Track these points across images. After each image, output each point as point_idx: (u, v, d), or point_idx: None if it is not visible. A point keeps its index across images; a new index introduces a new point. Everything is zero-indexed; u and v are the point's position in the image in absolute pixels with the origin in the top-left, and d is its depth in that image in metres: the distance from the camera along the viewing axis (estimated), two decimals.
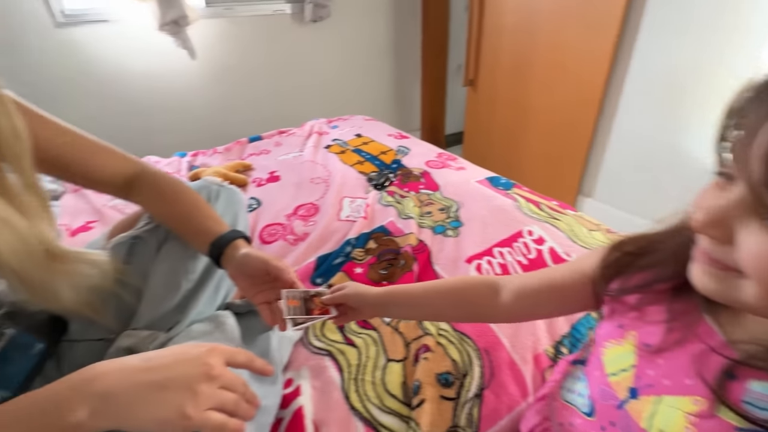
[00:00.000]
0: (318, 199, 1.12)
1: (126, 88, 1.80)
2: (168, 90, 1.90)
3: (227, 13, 1.93)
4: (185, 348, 0.40)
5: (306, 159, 1.37)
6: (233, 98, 2.06)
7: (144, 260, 0.70)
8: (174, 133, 1.97)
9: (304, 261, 0.88)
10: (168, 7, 1.66)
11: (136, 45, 1.75)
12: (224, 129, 2.04)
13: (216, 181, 0.79)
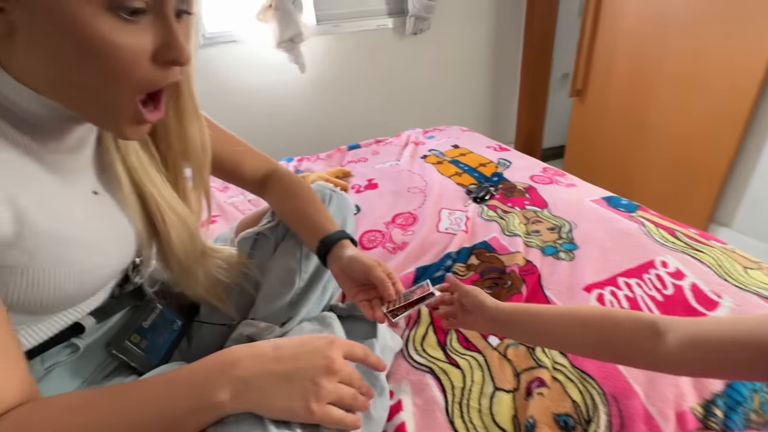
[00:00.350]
0: (416, 209, 1.11)
1: (245, 98, 2.01)
2: (278, 100, 2.08)
3: (335, 30, 2.05)
4: (309, 339, 0.41)
5: (403, 168, 1.38)
6: (335, 107, 2.18)
7: (264, 255, 0.75)
8: (282, 138, 2.14)
9: (403, 270, 0.87)
10: (286, 26, 1.82)
11: (256, 61, 1.95)
12: (326, 136, 2.16)
13: (329, 187, 0.82)
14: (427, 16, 2.07)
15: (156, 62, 0.38)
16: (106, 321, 0.57)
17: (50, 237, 0.41)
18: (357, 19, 2.07)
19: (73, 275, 0.44)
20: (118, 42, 0.34)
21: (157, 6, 0.36)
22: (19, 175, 0.39)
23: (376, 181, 1.30)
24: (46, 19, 0.32)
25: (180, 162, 0.57)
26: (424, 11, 2.03)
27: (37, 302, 0.43)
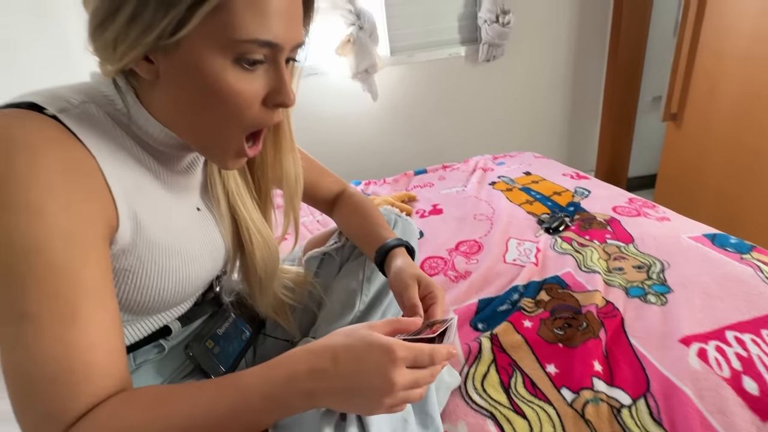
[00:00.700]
0: (481, 237, 1.07)
1: (321, 124, 2.15)
2: (351, 126, 2.18)
3: (408, 59, 2.12)
4: (368, 352, 0.37)
5: (469, 194, 1.34)
6: (405, 134, 2.23)
7: (329, 275, 0.77)
8: (353, 162, 2.23)
9: (466, 301, 0.82)
10: (362, 58, 1.93)
11: (332, 91, 2.08)
12: (395, 161, 2.21)
13: (394, 211, 0.82)
14: (501, 42, 2.05)
15: (266, 105, 0.43)
16: (189, 326, 0.61)
17: (158, 247, 0.46)
18: (430, 49, 2.12)
19: (172, 282, 0.49)
20: (239, 89, 0.40)
21: (271, 57, 0.41)
22: (142, 191, 0.45)
23: (441, 207, 1.28)
24: (183, 70, 0.39)
25: (271, 189, 0.63)
26: (498, 38, 2.02)
27: (140, 304, 0.48)
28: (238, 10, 0.37)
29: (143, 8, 0.35)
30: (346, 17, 1.89)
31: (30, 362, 0.34)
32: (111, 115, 0.43)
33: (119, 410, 0.35)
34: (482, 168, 1.55)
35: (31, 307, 0.34)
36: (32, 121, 0.37)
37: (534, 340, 0.70)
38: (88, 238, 0.38)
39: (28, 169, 0.35)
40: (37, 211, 0.35)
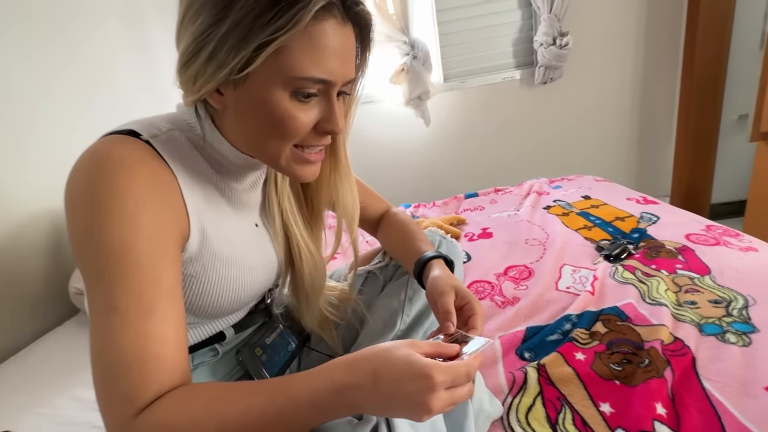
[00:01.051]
0: (532, 263, 1.02)
1: (374, 149, 2.23)
2: (404, 151, 2.23)
3: (461, 85, 2.14)
4: (407, 377, 0.37)
5: (522, 219, 1.29)
6: (457, 158, 2.23)
7: (372, 293, 0.79)
8: (405, 186, 2.27)
9: (512, 328, 0.79)
10: (415, 86, 1.99)
11: (386, 117, 2.16)
12: (447, 185, 2.21)
13: (439, 233, 0.83)
14: (559, 64, 2.00)
15: (317, 131, 0.48)
16: (242, 333, 0.66)
17: (220, 257, 0.52)
18: (483, 74, 2.13)
19: (229, 290, 0.55)
20: (295, 117, 0.45)
21: (324, 90, 0.46)
22: (210, 206, 0.51)
23: (491, 231, 1.24)
24: (249, 101, 0.45)
25: (323, 210, 0.67)
26: (555, 60, 1.97)
27: (201, 308, 0.53)
28: (296, 52, 0.42)
29: (219, 50, 0.41)
30: (401, 48, 1.98)
31: (113, 350, 0.39)
32: (190, 139, 0.50)
33: (181, 402, 0.39)
34: (537, 191, 1.49)
35: (119, 301, 0.40)
36: (130, 145, 0.44)
37: (587, 374, 0.64)
38: (167, 244, 0.44)
39: (126, 183, 0.41)
40: (130, 219, 0.41)
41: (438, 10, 2.05)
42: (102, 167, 0.41)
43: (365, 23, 0.50)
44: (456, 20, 2.06)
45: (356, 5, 0.47)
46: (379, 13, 1.91)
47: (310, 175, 0.52)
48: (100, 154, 0.42)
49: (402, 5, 1.90)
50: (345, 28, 0.46)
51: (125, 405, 0.38)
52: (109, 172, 0.41)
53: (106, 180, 0.41)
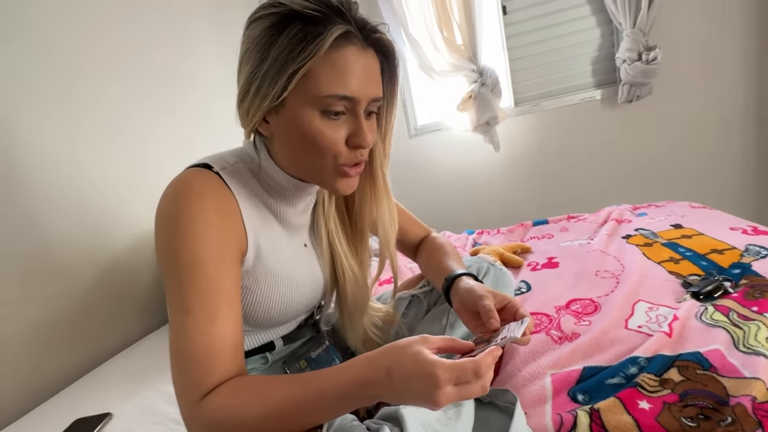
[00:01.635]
0: (601, 296, 0.92)
1: (443, 175, 2.24)
2: (473, 177, 2.21)
3: (534, 109, 2.08)
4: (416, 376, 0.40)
5: (595, 248, 1.19)
6: (528, 183, 2.14)
7: (416, 317, 0.80)
8: (474, 212, 2.23)
9: (567, 366, 0.72)
10: (483, 112, 1.99)
11: (454, 144, 2.18)
12: (516, 211, 2.12)
13: (488, 260, 0.82)
14: (646, 81, 1.84)
15: (348, 146, 0.54)
16: (291, 345, 0.72)
17: (271, 272, 0.60)
18: (559, 96, 2.04)
19: (278, 303, 0.62)
20: (325, 133, 0.52)
21: (351, 108, 0.52)
22: (265, 227, 0.60)
23: (558, 260, 1.16)
24: (287, 124, 0.53)
25: (366, 231, 0.71)
26: (641, 77, 1.82)
27: (253, 317, 0.61)
28: (321, 75, 0.49)
29: (263, 84, 0.50)
30: (469, 76, 2.00)
31: (186, 345, 0.48)
32: (251, 169, 0.60)
33: (235, 390, 0.46)
34: (616, 219, 1.36)
35: (192, 305, 0.48)
36: (203, 176, 0.54)
37: (651, 426, 0.56)
38: (229, 259, 0.52)
39: (197, 207, 0.51)
40: (200, 236, 0.50)
41: (508, 36, 2.04)
42: (180, 194, 0.51)
43: (386, 49, 0.56)
44: (527, 45, 2.03)
45: (374, 33, 0.53)
46: (447, 46, 1.97)
47: (348, 187, 0.57)
48: (179, 184, 0.53)
49: (470, 35, 1.94)
50: (366, 52, 0.52)
51: (194, 390, 0.46)
52: (185, 199, 0.51)
53: (182, 205, 0.51)
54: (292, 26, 0.48)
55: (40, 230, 1.02)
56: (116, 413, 0.88)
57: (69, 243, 1.08)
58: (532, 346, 0.79)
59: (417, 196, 2.28)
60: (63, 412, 0.90)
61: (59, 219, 1.06)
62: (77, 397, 0.96)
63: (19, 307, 0.96)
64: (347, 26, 0.49)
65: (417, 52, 2.02)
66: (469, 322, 0.59)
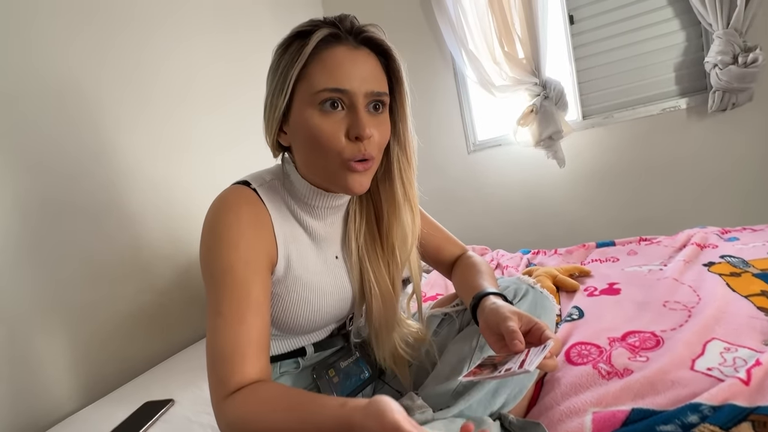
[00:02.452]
0: (666, 330, 0.82)
1: (504, 192, 2.16)
2: (535, 194, 2.10)
3: (604, 121, 1.93)
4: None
5: (667, 275, 1.05)
6: (596, 202, 1.97)
7: (447, 336, 0.79)
8: (536, 231, 2.11)
9: (612, 405, 0.65)
10: (546, 126, 1.89)
11: (515, 160, 2.10)
12: (582, 231, 1.97)
13: (528, 281, 0.78)
14: (744, 86, 1.60)
15: (348, 138, 0.56)
16: (321, 353, 0.76)
17: (300, 281, 0.64)
18: (634, 107, 1.87)
19: (306, 312, 0.66)
20: (324, 126, 0.55)
21: (348, 101, 0.55)
22: (295, 239, 0.64)
23: (620, 286, 1.05)
24: (295, 126, 0.57)
25: (398, 248, 0.71)
26: (738, 81, 1.59)
27: (283, 323, 0.66)
28: (314, 74, 0.54)
29: (273, 97, 0.57)
30: (531, 90, 1.93)
31: (217, 344, 0.53)
32: (284, 185, 0.65)
33: (252, 396, 0.50)
34: (698, 244, 1.19)
35: (223, 308, 0.54)
36: (241, 192, 0.61)
37: None
38: (259, 267, 0.57)
39: (233, 220, 0.57)
40: (234, 246, 0.56)
41: (575, 47, 1.94)
42: (219, 208, 0.58)
43: (381, 48, 0.58)
44: (596, 54, 1.91)
45: (362, 32, 0.56)
46: (508, 61, 1.93)
47: (359, 185, 0.58)
48: (221, 199, 0.60)
49: (533, 47, 1.88)
50: (357, 50, 0.56)
51: (221, 387, 0.51)
52: (223, 212, 0.58)
53: (220, 218, 0.57)
54: (292, 45, 0.55)
55: (130, 237, 1.20)
56: (178, 400, 0.98)
57: (154, 248, 1.25)
58: (575, 379, 0.72)
59: (474, 213, 2.23)
60: (139, 393, 1.03)
61: (147, 227, 1.24)
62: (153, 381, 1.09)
63: (110, 302, 1.13)
64: (333, 29, 0.54)
65: (476, 68, 2.00)
66: (493, 343, 0.56)
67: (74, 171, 1.08)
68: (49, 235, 1.01)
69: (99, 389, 1.08)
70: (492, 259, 1.50)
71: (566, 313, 0.97)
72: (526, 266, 1.36)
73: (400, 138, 0.64)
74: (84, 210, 1.09)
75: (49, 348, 1.00)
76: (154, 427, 0.89)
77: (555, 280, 1.13)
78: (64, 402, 1.01)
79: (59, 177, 1.04)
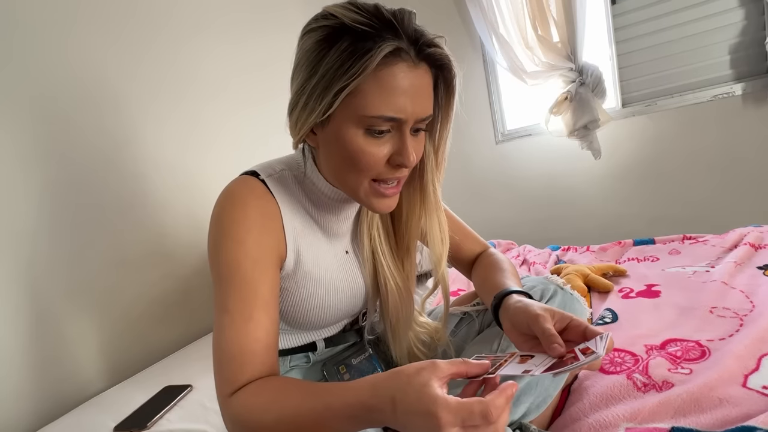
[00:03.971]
0: (713, 340, 0.73)
1: (533, 185, 2.06)
2: (565, 186, 1.99)
3: (647, 109, 1.79)
4: (416, 412, 0.37)
5: (715, 278, 0.95)
6: (634, 196, 1.84)
7: (466, 336, 0.74)
8: (568, 226, 2.01)
9: (649, 422, 0.58)
10: (581, 114, 1.78)
11: (546, 150, 1.99)
12: (619, 227, 1.85)
13: (557, 281, 0.72)
14: None
15: (389, 164, 0.52)
16: (333, 349, 0.73)
17: (310, 276, 0.62)
18: (682, 93, 1.72)
19: (316, 307, 0.63)
20: (368, 151, 0.50)
21: (397, 127, 0.50)
22: (305, 233, 0.61)
23: (660, 288, 0.96)
24: (332, 138, 0.52)
25: (413, 244, 0.68)
26: None
27: (293, 318, 0.64)
28: (368, 94, 0.48)
29: (310, 99, 0.50)
30: (566, 76, 1.81)
31: (224, 342, 0.51)
32: (296, 176, 0.62)
33: (258, 389, 0.48)
34: (752, 244, 1.07)
35: (230, 305, 0.52)
36: (248, 183, 0.58)
37: None
38: (267, 263, 0.55)
39: (239, 213, 0.54)
40: (240, 241, 0.53)
41: (616, 29, 1.79)
42: (225, 201, 0.56)
43: (440, 63, 0.52)
44: (641, 36, 1.76)
45: (428, 47, 0.50)
46: (542, 45, 1.81)
47: (386, 207, 0.55)
48: (226, 192, 0.57)
49: (569, 30, 1.76)
50: (417, 69, 0.49)
51: (227, 385, 0.49)
52: (230, 207, 0.55)
53: (225, 211, 0.55)
54: (342, 41, 0.47)
55: (156, 225, 1.22)
56: (196, 386, 0.99)
57: (178, 235, 1.27)
58: (606, 389, 0.66)
59: (501, 206, 2.14)
60: (161, 377, 1.04)
61: (172, 216, 1.25)
62: (174, 366, 1.11)
63: (136, 287, 1.16)
64: (398, 42, 0.47)
65: (507, 54, 1.90)
66: (521, 345, 0.51)
67: (103, 162, 1.10)
68: (79, 222, 1.04)
69: (124, 371, 1.11)
70: (518, 255, 1.43)
71: (598, 316, 0.90)
72: (555, 263, 1.28)
73: (438, 148, 0.59)
74: (112, 199, 1.12)
75: (76, 330, 1.03)
76: (172, 411, 0.90)
77: (586, 280, 1.06)
78: (93, 382, 1.05)
79: (89, 167, 1.07)
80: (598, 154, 1.82)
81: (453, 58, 0.52)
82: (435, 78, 0.53)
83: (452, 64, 0.53)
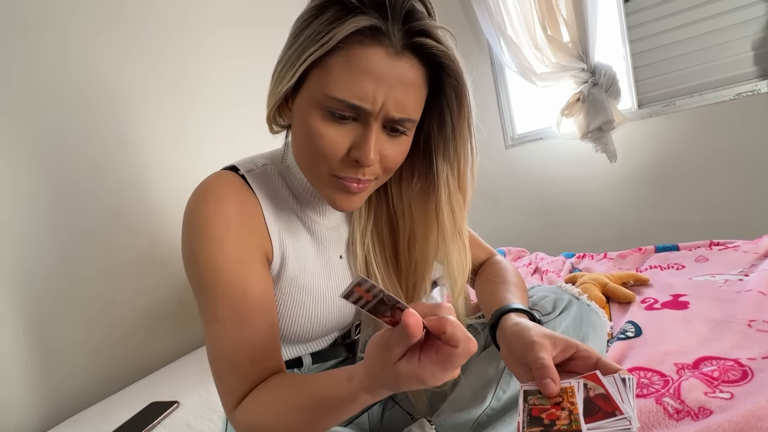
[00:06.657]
0: (755, 359, 0.64)
1: (545, 189, 1.98)
2: (577, 190, 1.90)
3: (664, 110, 1.70)
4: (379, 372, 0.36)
5: (750, 288, 0.86)
6: (653, 200, 1.74)
7: None
8: (583, 232, 1.92)
9: None
10: (595, 115, 1.70)
11: (559, 154, 1.91)
12: (638, 233, 1.75)
13: (572, 290, 0.64)
14: None
15: (348, 156, 0.46)
16: (321, 365, 0.66)
17: (296, 283, 0.56)
18: (702, 92, 1.63)
19: (302, 317, 0.57)
20: (325, 134, 0.45)
21: (361, 118, 0.44)
22: (291, 234, 0.55)
23: (687, 299, 0.87)
24: (297, 115, 0.47)
25: (423, 268, 0.60)
26: None
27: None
28: (334, 72, 0.42)
29: (285, 67, 0.45)
30: (578, 76, 1.74)
31: (218, 353, 0.47)
32: (280, 172, 0.56)
33: (259, 393, 0.47)
34: None
35: (219, 313, 0.47)
36: (225, 179, 0.52)
37: None
38: (252, 263, 0.50)
39: (214, 211, 0.49)
40: (218, 242, 0.48)
41: (630, 27, 1.72)
42: (198, 199, 0.50)
43: (437, 60, 0.45)
44: (656, 34, 1.68)
45: (417, 35, 0.43)
46: (552, 45, 1.75)
47: (347, 204, 0.49)
48: (200, 188, 0.51)
49: (580, 29, 1.69)
50: (399, 58, 0.43)
51: (230, 397, 0.48)
52: (202, 203, 0.49)
53: (199, 210, 0.49)
54: (328, 11, 0.42)
55: (150, 232, 1.18)
56: (183, 403, 0.93)
57: (172, 243, 1.22)
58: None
59: (512, 212, 2.05)
60: (148, 392, 0.99)
61: (166, 222, 1.21)
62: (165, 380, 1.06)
63: (128, 296, 1.12)
64: (379, 22, 0.41)
65: (516, 56, 1.84)
66: (521, 375, 0.44)
67: (96, 165, 1.08)
68: (70, 227, 1.01)
69: (115, 384, 1.06)
70: (530, 263, 1.34)
71: (619, 330, 0.81)
72: (570, 272, 1.19)
73: (455, 165, 0.52)
74: (104, 204, 1.08)
75: (67, 341, 0.99)
76: (156, 429, 0.85)
77: (605, 289, 0.97)
78: (88, 393, 1.00)
79: (81, 171, 1.04)
80: (613, 156, 1.74)
81: (456, 55, 0.44)
82: (431, 78, 0.47)
83: (452, 62, 0.45)
